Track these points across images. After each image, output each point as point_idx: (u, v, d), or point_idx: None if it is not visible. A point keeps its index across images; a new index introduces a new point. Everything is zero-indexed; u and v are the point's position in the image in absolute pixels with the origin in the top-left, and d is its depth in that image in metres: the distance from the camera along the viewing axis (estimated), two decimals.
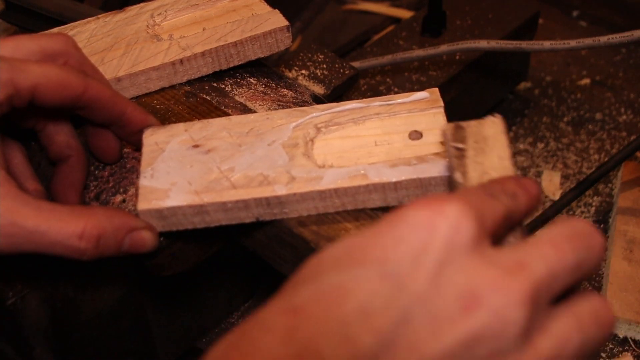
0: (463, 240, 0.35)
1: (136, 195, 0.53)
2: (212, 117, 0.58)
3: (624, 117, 1.00)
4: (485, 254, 0.36)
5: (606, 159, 0.86)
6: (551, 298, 0.36)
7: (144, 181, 0.52)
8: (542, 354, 0.35)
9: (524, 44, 0.80)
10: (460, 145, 0.48)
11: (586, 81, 1.06)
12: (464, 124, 0.50)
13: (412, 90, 0.86)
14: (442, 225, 0.35)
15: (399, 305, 0.34)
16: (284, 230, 0.56)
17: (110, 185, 0.59)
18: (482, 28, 0.93)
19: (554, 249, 0.36)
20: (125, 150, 0.60)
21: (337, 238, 0.54)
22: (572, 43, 0.78)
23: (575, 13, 1.15)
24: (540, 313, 0.35)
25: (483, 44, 0.83)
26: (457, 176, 0.47)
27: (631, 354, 0.76)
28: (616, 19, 1.13)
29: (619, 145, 0.96)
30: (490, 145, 0.49)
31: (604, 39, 0.76)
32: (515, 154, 0.97)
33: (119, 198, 0.58)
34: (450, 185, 0.49)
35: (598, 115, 1.01)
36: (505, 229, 0.40)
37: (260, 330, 0.34)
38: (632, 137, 0.95)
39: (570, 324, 0.36)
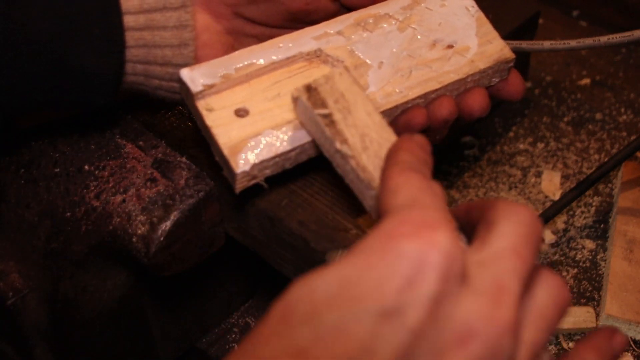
0: (455, 270, 0.36)
1: None
2: None
3: (624, 117, 1.00)
4: (469, 277, 0.37)
5: (606, 159, 0.85)
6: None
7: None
8: None
9: (524, 44, 0.80)
10: (324, 111, 0.48)
11: (586, 81, 1.06)
12: (312, 84, 0.49)
13: None
14: (436, 258, 0.35)
15: (401, 343, 0.34)
16: (284, 230, 0.56)
17: (110, 185, 0.59)
18: None
19: (519, 259, 0.38)
20: (125, 150, 0.60)
21: (337, 238, 0.54)
22: (572, 43, 0.78)
23: (575, 13, 1.15)
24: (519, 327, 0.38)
25: None
26: (342, 147, 0.46)
27: (631, 354, 0.76)
28: (616, 19, 1.13)
29: (619, 145, 0.96)
30: (352, 101, 0.48)
31: (604, 39, 0.76)
32: (515, 154, 0.97)
33: (119, 198, 0.58)
34: (330, 156, 0.49)
35: (598, 115, 1.01)
36: None
37: None
38: (632, 137, 0.95)
39: (538, 326, 0.39)
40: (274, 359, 0.35)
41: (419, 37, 0.58)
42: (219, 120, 0.52)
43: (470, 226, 0.42)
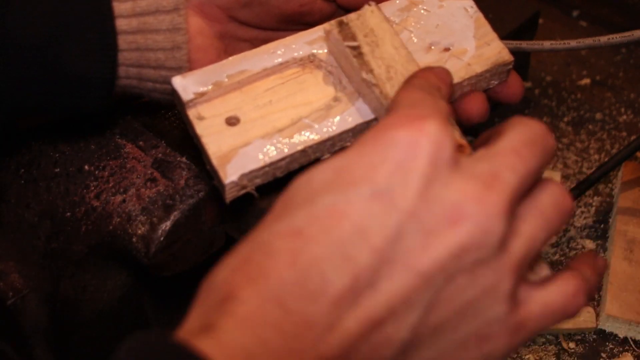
0: (445, 156, 0.37)
1: None
2: None
3: (624, 117, 1.00)
4: (462, 166, 0.38)
5: (606, 159, 0.85)
6: (520, 201, 0.39)
7: None
8: (515, 255, 0.38)
9: (524, 44, 0.80)
10: (353, 43, 0.51)
11: (586, 81, 1.06)
12: (344, 19, 0.52)
13: None
14: (425, 143, 0.37)
15: (392, 223, 0.36)
16: None
17: (110, 185, 0.59)
18: None
19: (519, 157, 0.39)
20: (125, 150, 0.60)
21: None
22: (572, 43, 0.78)
23: (575, 13, 1.15)
24: (513, 218, 0.38)
25: None
26: (367, 76, 0.50)
27: (631, 354, 0.76)
28: (616, 19, 1.13)
29: (619, 145, 0.96)
30: (380, 36, 0.52)
31: (604, 39, 0.76)
32: None
33: (119, 198, 0.58)
34: (358, 86, 0.52)
35: (598, 115, 1.01)
36: None
37: (265, 254, 0.36)
38: (632, 137, 0.95)
39: (537, 222, 0.40)
40: (271, 240, 0.36)
41: (414, 40, 0.58)
42: (210, 129, 0.52)
43: None
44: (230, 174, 0.51)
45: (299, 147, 0.52)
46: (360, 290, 0.35)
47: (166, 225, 0.57)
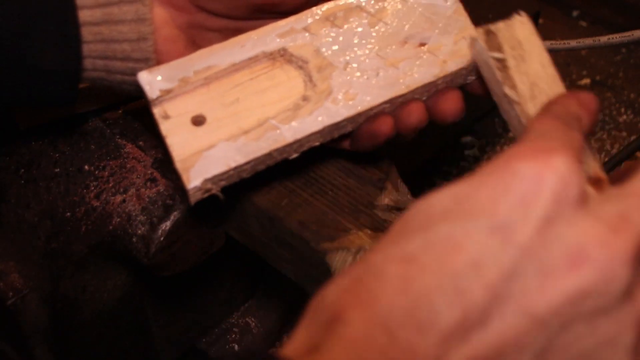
0: (571, 194, 0.35)
1: None
2: None
3: (624, 117, 1.00)
4: (589, 206, 0.36)
5: (606, 159, 0.85)
6: None
7: None
8: None
9: None
10: (498, 55, 0.48)
11: (586, 81, 1.06)
12: (492, 28, 0.50)
13: None
14: (551, 179, 0.35)
15: (508, 260, 0.34)
16: (284, 230, 0.56)
17: (110, 185, 0.59)
18: None
19: None
20: (125, 150, 0.60)
21: (337, 238, 0.54)
22: (572, 43, 0.78)
23: (575, 13, 1.15)
24: None
25: None
26: (510, 92, 0.47)
27: None
28: (616, 19, 1.13)
29: (619, 145, 0.96)
30: (528, 50, 0.49)
31: (604, 39, 0.76)
32: None
33: (119, 198, 0.58)
34: (499, 100, 0.49)
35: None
36: None
37: (376, 278, 0.35)
38: (632, 137, 0.95)
39: None
40: (383, 263, 0.35)
41: (389, 33, 0.55)
42: (175, 129, 0.50)
43: None
44: (194, 178, 0.49)
45: (264, 151, 0.50)
46: (469, 327, 0.33)
47: (166, 225, 0.57)
